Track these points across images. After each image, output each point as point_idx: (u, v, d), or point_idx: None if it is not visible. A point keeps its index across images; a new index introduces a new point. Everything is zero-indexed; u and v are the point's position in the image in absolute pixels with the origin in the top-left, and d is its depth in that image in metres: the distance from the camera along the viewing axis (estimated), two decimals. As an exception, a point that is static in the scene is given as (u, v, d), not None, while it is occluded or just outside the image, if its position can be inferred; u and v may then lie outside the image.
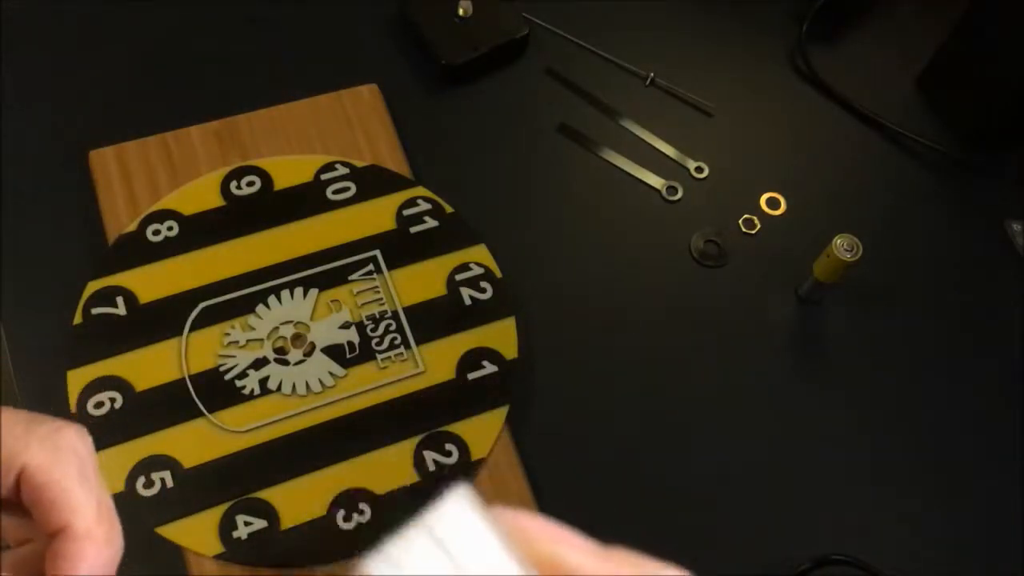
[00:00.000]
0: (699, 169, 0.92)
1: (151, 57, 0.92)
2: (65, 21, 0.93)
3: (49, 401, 0.76)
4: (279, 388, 0.76)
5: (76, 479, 0.47)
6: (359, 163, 0.86)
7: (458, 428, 0.77)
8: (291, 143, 0.86)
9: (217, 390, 0.76)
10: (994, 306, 0.89)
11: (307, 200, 0.84)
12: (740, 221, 0.90)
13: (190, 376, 0.76)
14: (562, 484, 0.78)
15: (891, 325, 0.87)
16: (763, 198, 0.91)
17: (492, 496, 0.75)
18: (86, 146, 0.85)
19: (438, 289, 0.81)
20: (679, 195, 0.91)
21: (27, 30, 0.92)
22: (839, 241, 0.80)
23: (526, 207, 0.89)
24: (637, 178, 0.91)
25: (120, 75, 0.91)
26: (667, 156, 0.92)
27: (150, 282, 0.79)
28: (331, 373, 0.77)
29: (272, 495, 0.73)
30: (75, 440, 0.48)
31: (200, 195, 0.83)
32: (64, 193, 0.84)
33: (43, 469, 0.46)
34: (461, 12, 0.93)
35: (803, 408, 0.83)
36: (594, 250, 0.88)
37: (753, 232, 0.89)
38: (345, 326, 0.79)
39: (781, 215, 0.91)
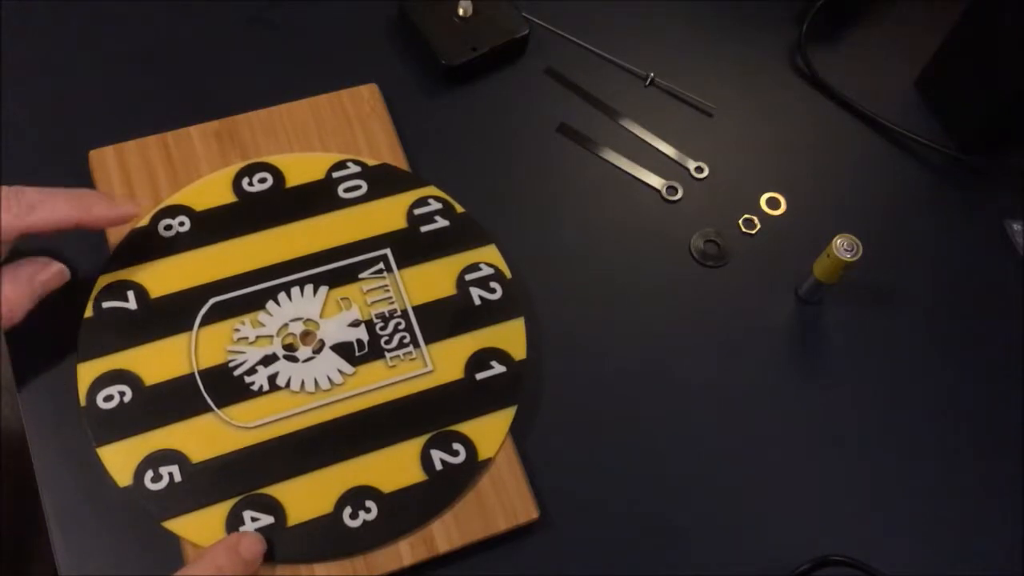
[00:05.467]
0: (699, 169, 0.94)
1: (151, 57, 0.94)
2: (65, 21, 0.94)
3: (59, 394, 0.78)
4: (288, 385, 0.78)
5: None
6: (371, 162, 0.87)
7: (466, 428, 0.78)
8: (291, 143, 0.88)
9: (226, 386, 0.78)
10: (994, 306, 0.91)
11: (319, 198, 0.85)
12: (740, 221, 0.92)
13: (199, 371, 0.78)
14: (562, 484, 0.80)
15: (891, 325, 0.89)
16: (763, 198, 0.93)
17: (492, 496, 0.77)
18: (86, 146, 0.86)
19: (448, 289, 0.83)
20: (679, 195, 0.93)
21: (27, 30, 0.93)
22: (839, 241, 0.82)
23: (525, 207, 0.91)
24: (637, 178, 0.93)
25: (120, 75, 0.92)
26: (667, 156, 0.95)
27: (161, 277, 0.81)
28: (340, 371, 0.79)
29: (279, 491, 0.75)
30: None
31: (212, 191, 0.85)
32: None
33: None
34: (461, 12, 0.95)
35: (803, 408, 0.85)
36: (593, 250, 0.90)
37: (753, 232, 0.92)
38: (354, 324, 0.81)
39: (781, 215, 0.93)
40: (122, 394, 0.77)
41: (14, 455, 1.12)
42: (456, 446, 0.78)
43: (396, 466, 0.77)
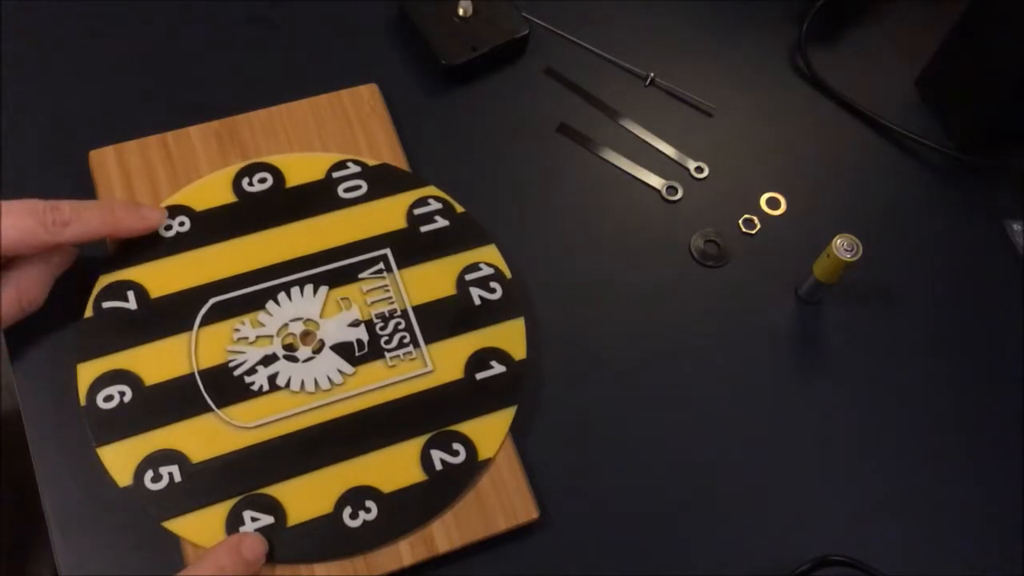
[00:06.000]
0: (699, 169, 0.94)
1: (151, 57, 0.94)
2: (65, 21, 0.94)
3: (59, 394, 0.78)
4: (288, 385, 0.78)
5: None
6: (371, 162, 0.87)
7: (466, 428, 0.78)
8: (291, 143, 0.88)
9: (226, 386, 0.78)
10: (994, 306, 0.91)
11: (319, 198, 0.85)
12: (740, 221, 0.92)
13: (199, 371, 0.78)
14: (562, 485, 0.80)
15: (891, 325, 0.89)
16: (763, 198, 0.93)
17: (492, 496, 0.77)
18: (86, 146, 0.86)
19: (448, 289, 0.83)
20: (679, 195, 0.93)
21: (27, 30, 0.93)
22: (839, 241, 0.82)
23: (525, 207, 0.91)
24: (637, 178, 0.93)
25: (120, 75, 0.92)
26: (667, 156, 0.95)
27: (161, 277, 0.81)
28: (340, 371, 0.79)
29: (279, 491, 0.75)
30: None
31: (212, 191, 0.85)
32: (64, 193, 0.83)
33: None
34: (461, 12, 0.95)
35: (803, 408, 0.85)
36: (593, 250, 0.90)
37: (753, 232, 0.92)
38: (354, 324, 0.81)
39: (781, 215, 0.93)
40: (122, 394, 0.77)
41: (14, 455, 1.12)
42: (456, 446, 0.78)
43: (396, 466, 0.77)
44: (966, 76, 0.95)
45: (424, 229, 0.85)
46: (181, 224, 0.83)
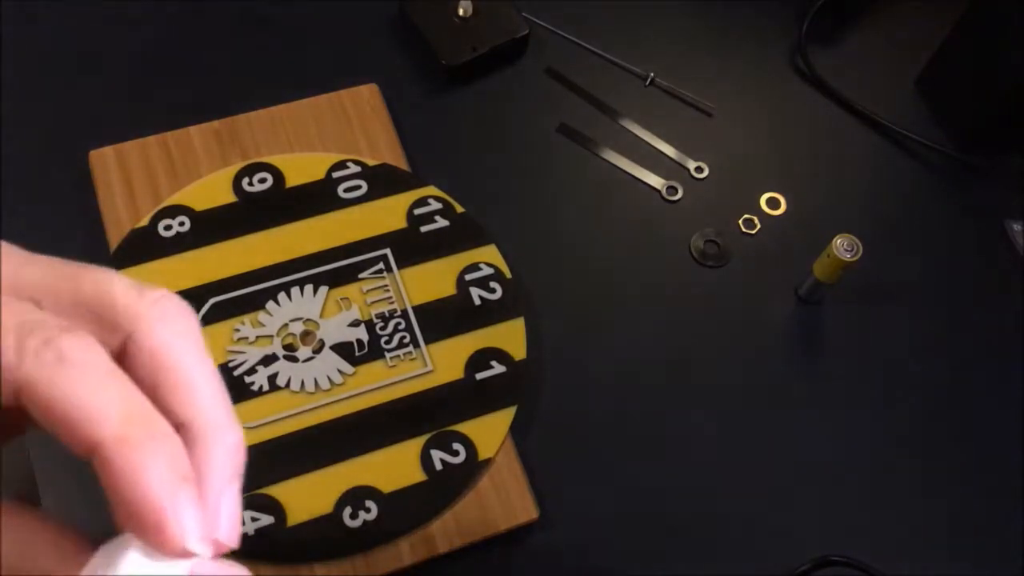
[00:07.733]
0: (699, 169, 0.94)
1: (151, 57, 0.94)
2: (65, 20, 0.94)
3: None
4: (288, 385, 0.78)
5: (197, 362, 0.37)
6: (371, 162, 0.87)
7: (466, 428, 0.78)
8: (291, 143, 0.88)
9: (226, 386, 0.77)
10: (994, 306, 0.91)
11: (319, 198, 0.85)
12: (740, 221, 0.92)
13: (199, 371, 0.78)
14: (562, 485, 0.80)
15: (891, 325, 0.89)
16: (763, 198, 0.93)
17: (492, 496, 0.77)
18: (86, 146, 0.86)
19: (448, 289, 0.83)
20: (679, 195, 0.93)
21: (27, 29, 0.93)
22: (839, 241, 0.82)
23: (525, 207, 0.91)
24: (637, 178, 0.93)
25: (120, 75, 0.93)
26: (667, 156, 0.95)
27: (161, 277, 0.80)
28: (340, 371, 0.79)
29: (279, 491, 0.75)
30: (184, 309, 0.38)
31: (212, 191, 0.85)
32: (64, 193, 0.86)
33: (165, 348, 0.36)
34: (461, 12, 0.95)
35: (803, 408, 0.85)
36: (593, 250, 0.90)
37: (753, 232, 0.92)
38: (354, 324, 0.81)
39: (781, 215, 0.93)
40: (122, 394, 0.76)
41: (14, 454, 1.12)
42: (456, 446, 0.78)
43: (396, 466, 0.77)
44: (966, 76, 0.96)
45: (424, 229, 0.86)
46: (181, 224, 0.83)
